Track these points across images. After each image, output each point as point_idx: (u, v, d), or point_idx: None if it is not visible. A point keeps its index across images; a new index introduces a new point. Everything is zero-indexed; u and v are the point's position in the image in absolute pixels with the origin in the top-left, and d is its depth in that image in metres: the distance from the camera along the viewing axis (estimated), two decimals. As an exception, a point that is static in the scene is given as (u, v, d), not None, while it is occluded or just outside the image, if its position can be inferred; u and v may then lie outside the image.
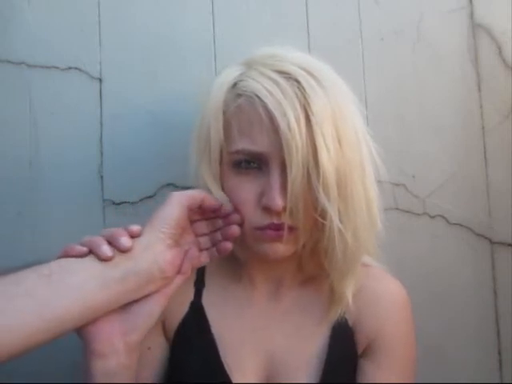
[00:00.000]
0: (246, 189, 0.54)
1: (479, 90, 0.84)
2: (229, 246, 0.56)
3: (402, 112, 0.83)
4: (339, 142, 0.52)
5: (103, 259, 0.46)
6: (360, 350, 0.61)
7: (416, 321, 0.63)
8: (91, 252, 0.47)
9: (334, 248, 0.54)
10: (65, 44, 0.76)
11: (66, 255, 0.46)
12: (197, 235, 0.57)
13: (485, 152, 0.84)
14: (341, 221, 0.52)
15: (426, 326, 0.76)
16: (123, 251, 0.47)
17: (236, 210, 0.56)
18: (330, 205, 0.51)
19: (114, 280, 0.46)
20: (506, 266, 0.82)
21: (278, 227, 0.53)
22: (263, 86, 0.52)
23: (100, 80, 0.76)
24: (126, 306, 0.48)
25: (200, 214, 0.56)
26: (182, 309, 0.62)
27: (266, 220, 0.53)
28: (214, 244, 0.57)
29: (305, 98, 0.51)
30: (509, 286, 0.82)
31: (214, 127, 0.56)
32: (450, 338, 0.82)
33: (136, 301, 0.49)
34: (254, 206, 0.54)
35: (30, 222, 0.73)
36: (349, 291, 0.59)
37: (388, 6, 0.83)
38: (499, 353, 0.82)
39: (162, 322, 0.62)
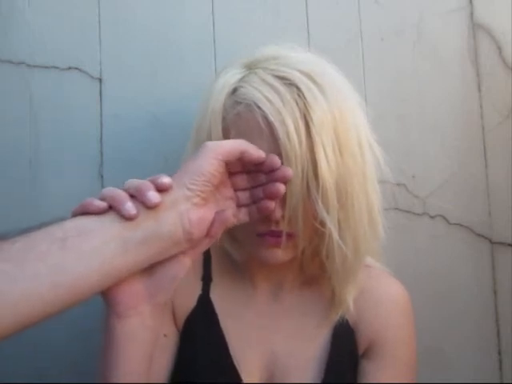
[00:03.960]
0: None
1: (479, 90, 0.84)
2: (271, 206, 0.49)
3: (402, 112, 0.83)
4: (340, 150, 0.51)
5: (126, 218, 0.41)
6: (361, 351, 0.61)
7: (416, 321, 0.63)
8: (111, 208, 0.42)
9: (333, 258, 0.54)
10: (65, 44, 0.76)
11: (84, 211, 0.42)
12: (236, 189, 0.51)
13: (485, 152, 0.84)
14: (341, 229, 0.52)
15: (426, 326, 0.76)
16: (150, 207, 0.42)
17: None
18: (328, 217, 0.51)
19: (134, 243, 0.41)
20: (506, 266, 0.82)
21: (277, 234, 0.53)
22: (262, 94, 0.51)
23: (100, 80, 0.76)
24: (148, 269, 0.44)
25: (241, 166, 0.50)
26: (190, 302, 0.62)
27: (265, 227, 0.53)
28: (255, 201, 0.51)
29: (305, 105, 0.50)
30: (509, 286, 0.82)
31: (213, 132, 0.55)
32: (450, 338, 0.82)
33: (160, 263, 0.45)
34: None
35: (29, 222, 0.73)
36: (349, 296, 0.59)
37: (388, 5, 0.83)
38: (499, 353, 0.82)
39: (173, 313, 0.62)
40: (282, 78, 0.52)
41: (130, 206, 0.41)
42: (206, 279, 0.63)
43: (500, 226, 0.83)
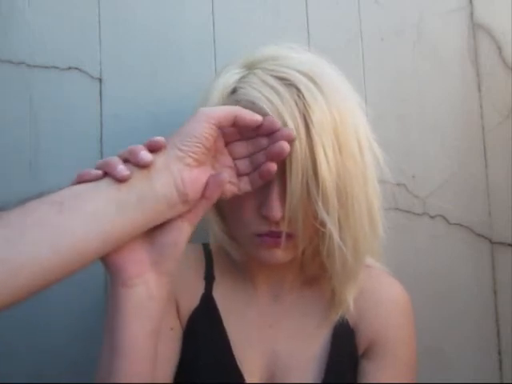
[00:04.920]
0: (246, 196, 0.53)
1: (479, 90, 0.84)
2: (273, 168, 0.48)
3: (402, 112, 0.83)
4: (340, 151, 0.51)
5: (119, 179, 0.42)
6: (361, 351, 0.61)
7: (416, 321, 0.63)
8: (106, 174, 0.43)
9: (333, 259, 0.54)
10: (65, 44, 0.76)
11: (80, 181, 0.43)
12: (235, 158, 0.51)
13: (485, 152, 0.84)
14: (341, 229, 0.52)
15: (425, 326, 0.76)
16: (143, 166, 0.43)
17: (235, 215, 0.55)
18: (329, 218, 0.51)
19: (130, 204, 0.42)
20: (506, 266, 0.82)
21: (276, 235, 0.53)
22: (262, 94, 0.51)
23: (100, 80, 0.76)
24: (149, 237, 0.45)
25: (239, 134, 0.50)
26: (193, 301, 0.62)
27: (264, 227, 0.53)
28: (256, 168, 0.50)
29: (304, 106, 0.50)
30: (509, 286, 0.82)
31: None
32: (449, 338, 0.82)
33: (160, 230, 0.45)
34: (254, 213, 0.53)
35: (29, 222, 0.73)
36: (350, 297, 0.59)
37: (388, 5, 0.83)
38: (499, 353, 0.82)
39: (177, 310, 0.62)
40: (281, 79, 0.51)
41: (122, 168, 0.42)
42: (209, 278, 0.63)
43: (500, 226, 0.83)
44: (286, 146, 0.48)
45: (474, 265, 0.83)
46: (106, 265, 0.45)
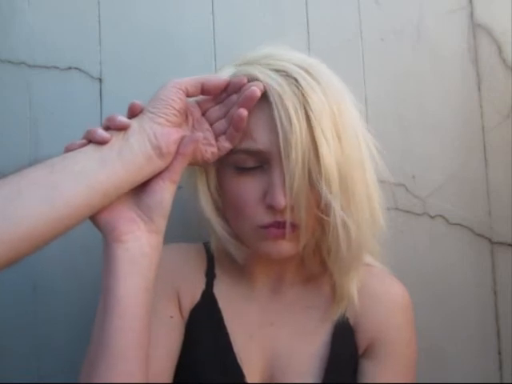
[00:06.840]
0: (249, 188, 0.54)
1: (479, 89, 0.84)
2: (243, 113, 0.51)
3: (402, 112, 0.83)
4: (338, 138, 0.52)
5: (100, 142, 0.47)
6: (361, 350, 0.61)
7: (416, 321, 0.63)
8: (91, 142, 0.48)
9: (338, 243, 0.54)
10: (65, 44, 0.76)
11: (68, 150, 0.48)
12: (212, 123, 0.55)
13: (485, 152, 0.84)
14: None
15: (426, 326, 0.76)
16: (122, 128, 0.48)
17: (238, 209, 0.55)
18: (332, 197, 0.51)
19: (110, 159, 0.47)
20: (506, 266, 0.82)
21: (282, 225, 0.53)
22: (263, 80, 0.52)
23: (100, 80, 0.76)
24: (136, 199, 0.50)
25: (213, 100, 0.55)
26: (194, 297, 0.62)
27: (269, 218, 0.53)
28: (231, 122, 0.53)
29: (303, 95, 0.51)
30: (509, 286, 0.82)
31: None
32: (450, 338, 0.82)
33: (144, 192, 0.50)
34: (257, 205, 0.53)
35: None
36: (353, 288, 0.59)
37: (388, 5, 0.83)
38: (499, 353, 0.82)
39: (178, 302, 0.62)
40: (278, 71, 0.52)
41: (101, 132, 0.48)
42: (210, 275, 0.63)
43: (500, 225, 0.83)
44: (256, 90, 0.51)
45: (474, 265, 0.83)
46: (99, 225, 0.48)
